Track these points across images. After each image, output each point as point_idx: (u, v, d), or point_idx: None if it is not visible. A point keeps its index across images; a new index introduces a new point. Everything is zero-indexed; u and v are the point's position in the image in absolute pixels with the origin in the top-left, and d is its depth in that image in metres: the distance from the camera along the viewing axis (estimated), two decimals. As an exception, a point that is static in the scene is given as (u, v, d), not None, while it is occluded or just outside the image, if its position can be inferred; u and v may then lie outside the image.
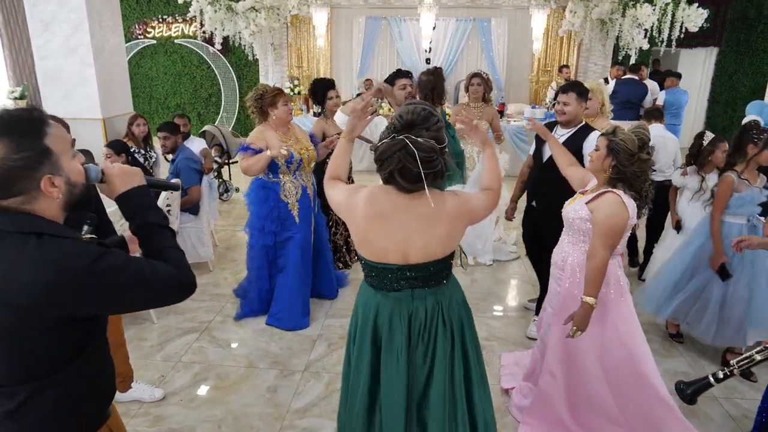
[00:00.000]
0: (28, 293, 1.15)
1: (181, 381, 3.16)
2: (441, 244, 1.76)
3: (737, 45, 10.07)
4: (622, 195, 2.30)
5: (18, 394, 1.24)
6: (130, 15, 10.58)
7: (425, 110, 1.67)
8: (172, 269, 1.31)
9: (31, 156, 1.17)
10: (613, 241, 2.31)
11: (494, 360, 3.38)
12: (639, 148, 2.27)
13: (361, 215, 1.76)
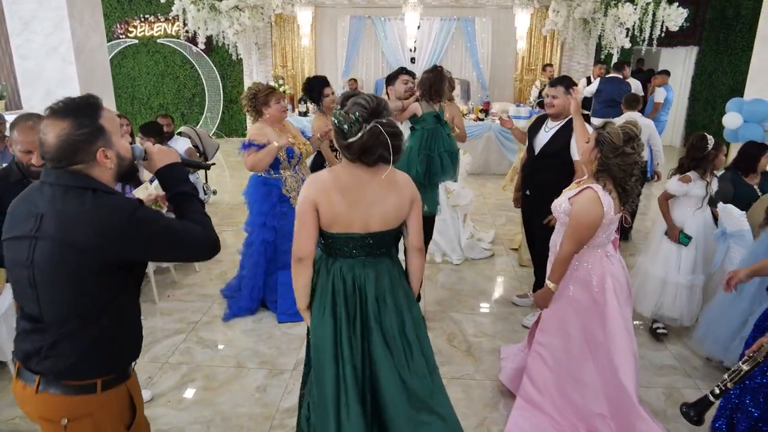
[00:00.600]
0: (86, 234, 1.42)
1: (169, 382, 3.13)
2: (395, 212, 2.00)
3: (716, 44, 10.24)
4: (599, 191, 2.35)
5: (60, 330, 1.48)
6: (111, 14, 10.45)
7: (376, 97, 1.90)
8: (198, 227, 1.59)
9: (90, 132, 1.45)
10: (581, 236, 2.40)
11: (483, 356, 3.40)
12: (624, 142, 2.31)
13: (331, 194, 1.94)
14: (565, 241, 2.43)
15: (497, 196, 7.07)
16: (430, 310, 3.98)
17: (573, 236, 2.40)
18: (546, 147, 3.43)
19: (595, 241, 2.47)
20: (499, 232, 5.75)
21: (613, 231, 2.53)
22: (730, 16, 9.91)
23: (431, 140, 3.32)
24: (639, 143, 2.36)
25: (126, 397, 1.66)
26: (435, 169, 3.31)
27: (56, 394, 1.51)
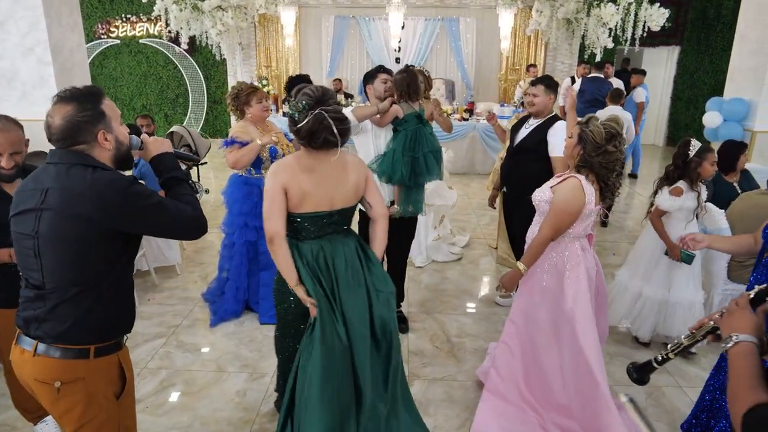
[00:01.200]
0: (87, 206, 1.56)
1: (147, 388, 3.08)
2: (354, 189, 2.23)
3: (698, 44, 10.35)
4: (582, 180, 2.38)
5: (61, 296, 1.62)
6: (92, 14, 10.32)
7: (323, 88, 2.11)
8: (189, 207, 1.72)
9: (92, 114, 1.62)
10: (561, 222, 2.42)
11: (466, 357, 3.39)
12: (606, 140, 2.33)
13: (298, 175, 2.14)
14: (544, 227, 2.45)
15: (482, 195, 7.08)
16: (413, 311, 3.96)
17: (553, 222, 2.43)
18: (523, 141, 3.49)
19: (573, 231, 2.49)
20: (483, 231, 5.76)
21: (591, 224, 2.55)
22: (711, 17, 10.03)
23: (414, 141, 3.30)
24: (621, 140, 2.38)
25: (117, 367, 1.79)
26: (420, 169, 3.29)
27: (52, 357, 1.64)
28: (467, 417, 2.83)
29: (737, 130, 5.09)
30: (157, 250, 4.46)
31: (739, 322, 1.23)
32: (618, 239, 5.62)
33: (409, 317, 3.84)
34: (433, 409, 2.90)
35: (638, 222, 6.20)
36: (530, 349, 2.68)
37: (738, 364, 1.16)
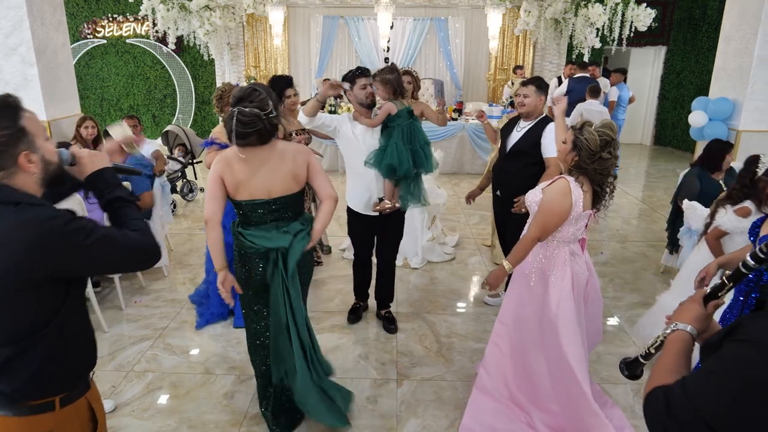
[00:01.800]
0: (8, 254, 1.30)
1: (134, 391, 3.05)
2: (293, 177, 2.36)
3: (684, 44, 10.44)
4: (571, 182, 2.38)
5: (3, 353, 1.38)
6: (78, 14, 10.21)
7: (249, 88, 2.26)
8: (137, 235, 1.48)
9: (10, 134, 1.33)
10: (547, 223, 2.42)
11: (454, 357, 3.39)
12: (601, 148, 2.32)
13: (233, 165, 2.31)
14: (532, 226, 2.47)
15: (471, 195, 7.10)
16: (402, 311, 3.96)
17: (539, 222, 2.44)
18: (517, 145, 3.45)
19: (562, 234, 2.48)
20: (472, 230, 5.77)
21: (582, 229, 2.54)
22: (696, 17, 10.12)
23: (411, 135, 3.35)
24: (615, 146, 2.37)
25: (86, 409, 1.60)
26: (420, 161, 3.36)
27: (12, 417, 1.43)
28: (456, 417, 2.83)
29: (722, 129, 5.13)
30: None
31: (685, 314, 1.28)
32: (606, 238, 5.66)
33: (398, 318, 3.84)
34: (421, 409, 2.89)
35: (626, 221, 6.25)
36: (519, 350, 2.69)
37: (667, 348, 1.22)
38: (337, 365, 3.27)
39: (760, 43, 4.83)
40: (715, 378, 0.97)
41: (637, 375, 1.52)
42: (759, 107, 4.98)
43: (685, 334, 1.23)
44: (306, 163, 2.42)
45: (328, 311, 3.97)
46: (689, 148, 8.97)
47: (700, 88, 9.37)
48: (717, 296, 1.30)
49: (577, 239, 2.57)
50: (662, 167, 9.19)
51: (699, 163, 4.31)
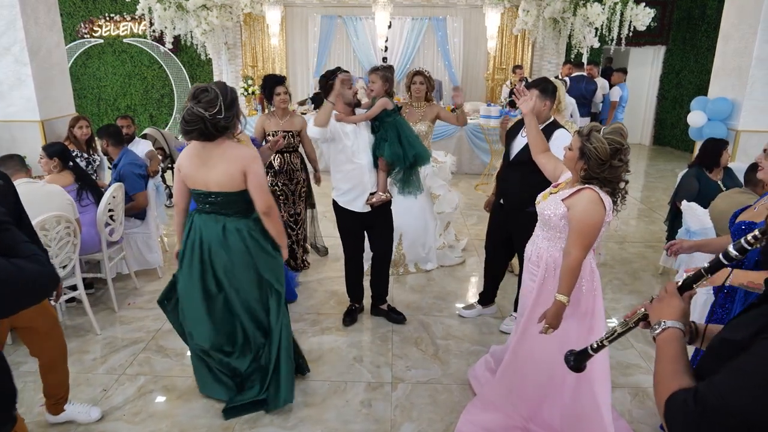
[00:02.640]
0: None
1: (125, 394, 3.01)
2: (227, 178, 2.50)
3: (683, 43, 10.41)
4: (599, 192, 2.24)
5: None
6: (74, 13, 10.17)
7: (201, 88, 2.38)
8: (35, 265, 1.31)
9: None
10: (589, 240, 2.26)
11: (450, 359, 3.35)
12: (611, 156, 2.18)
13: (187, 158, 2.59)
14: (572, 248, 2.25)
15: (469, 195, 7.07)
16: (398, 313, 3.92)
17: (581, 241, 2.24)
18: (521, 154, 3.28)
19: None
20: (470, 231, 5.73)
21: (602, 237, 2.46)
22: (695, 17, 10.09)
23: (407, 128, 3.46)
24: (626, 152, 2.24)
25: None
26: (421, 152, 3.50)
27: None
28: (452, 420, 2.79)
29: (721, 129, 5.10)
30: (138, 253, 4.39)
31: (667, 309, 1.22)
32: (604, 239, 5.61)
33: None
34: (416, 413, 2.86)
35: (625, 221, 6.21)
36: (532, 366, 2.58)
37: (664, 349, 1.16)
38: (332, 368, 3.25)
39: (759, 43, 4.79)
40: (751, 377, 0.93)
41: (582, 368, 1.50)
42: (758, 107, 4.94)
43: (678, 332, 1.18)
44: (242, 171, 2.50)
45: (323, 313, 3.93)
46: (688, 148, 8.93)
47: (700, 88, 9.34)
48: (692, 287, 1.26)
49: (598, 246, 2.50)
50: (661, 167, 9.16)
51: (697, 163, 4.28)
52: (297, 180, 4.40)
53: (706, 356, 1.13)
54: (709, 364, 1.08)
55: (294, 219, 4.47)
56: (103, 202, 3.71)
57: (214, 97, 2.35)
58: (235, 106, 2.45)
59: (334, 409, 2.88)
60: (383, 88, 3.40)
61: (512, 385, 2.67)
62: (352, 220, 3.53)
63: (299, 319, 3.84)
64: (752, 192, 3.29)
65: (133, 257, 4.37)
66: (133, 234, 4.33)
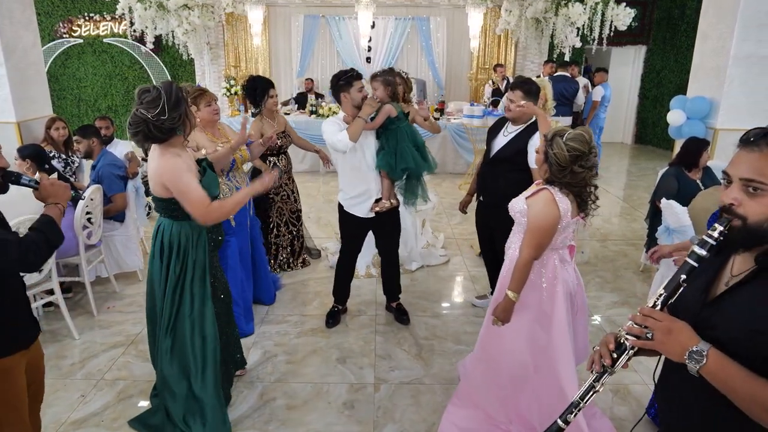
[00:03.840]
0: None
1: (104, 400, 2.96)
2: (152, 184, 2.42)
3: (663, 43, 10.53)
4: (555, 193, 2.27)
5: None
6: (53, 12, 10.02)
7: (142, 89, 2.28)
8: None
9: None
10: (540, 240, 2.30)
11: (433, 359, 3.34)
12: (570, 162, 2.20)
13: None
14: (524, 247, 2.32)
15: (453, 195, 7.08)
16: (381, 313, 3.91)
17: (531, 241, 2.30)
18: (501, 151, 3.33)
19: (552, 243, 2.39)
20: (454, 231, 5.74)
21: (570, 236, 2.46)
22: (675, 17, 10.21)
23: (413, 135, 3.42)
24: (589, 158, 2.24)
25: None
26: (429, 161, 3.47)
27: None
28: (434, 421, 2.78)
29: (700, 128, 5.15)
30: (117, 256, 4.32)
31: (683, 335, 1.14)
32: (586, 237, 5.66)
33: (377, 320, 3.79)
34: (399, 414, 2.85)
35: (607, 219, 6.27)
36: (505, 362, 2.58)
37: (729, 372, 1.07)
38: (315, 370, 3.23)
39: (736, 42, 4.85)
40: None
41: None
42: (735, 105, 5.00)
43: (715, 350, 1.10)
44: (161, 184, 2.37)
45: (306, 314, 3.91)
46: (669, 147, 9.04)
47: (680, 87, 9.44)
48: (673, 297, 1.21)
49: (566, 246, 2.50)
50: (643, 165, 9.26)
51: (677, 162, 4.32)
52: (292, 178, 4.48)
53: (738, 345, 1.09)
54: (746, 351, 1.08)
55: (296, 216, 4.56)
56: (80, 204, 3.65)
57: (155, 97, 2.23)
58: (182, 107, 2.30)
59: (317, 411, 2.86)
60: (386, 93, 3.37)
61: (487, 378, 2.68)
62: (356, 224, 3.52)
63: (282, 320, 3.81)
64: None
65: (112, 260, 4.30)
66: (112, 236, 4.27)
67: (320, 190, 7.43)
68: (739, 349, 1.09)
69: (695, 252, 1.17)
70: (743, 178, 1.10)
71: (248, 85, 4.13)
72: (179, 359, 2.58)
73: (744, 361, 1.07)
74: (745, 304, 1.12)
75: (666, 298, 1.20)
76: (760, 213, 1.09)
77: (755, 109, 4.97)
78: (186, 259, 2.53)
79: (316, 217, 6.11)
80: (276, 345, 3.49)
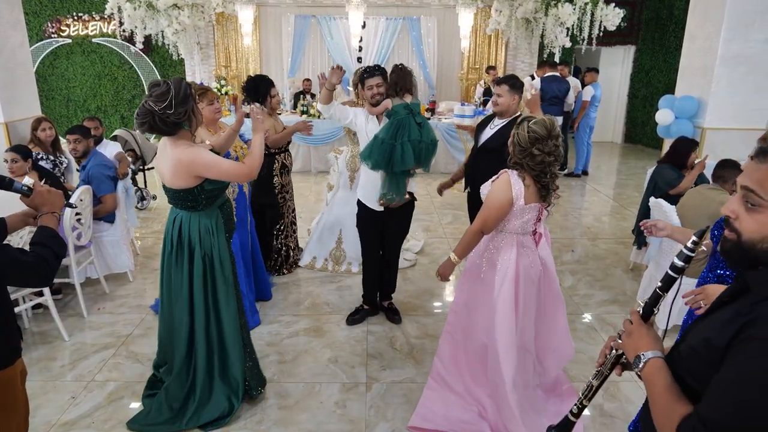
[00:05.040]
0: None
1: (94, 402, 2.94)
2: (171, 177, 2.49)
3: (652, 43, 10.62)
4: (512, 176, 2.44)
5: None
6: (41, 12, 9.93)
7: (152, 83, 2.36)
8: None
9: None
10: (488, 216, 2.47)
11: (425, 358, 3.35)
12: (530, 143, 2.36)
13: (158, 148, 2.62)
14: (476, 219, 2.53)
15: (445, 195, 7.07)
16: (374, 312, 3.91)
17: (482, 215, 2.50)
18: (488, 142, 3.49)
19: (509, 226, 2.52)
20: (445, 230, 5.76)
21: (531, 222, 2.53)
22: (664, 17, 10.30)
23: (397, 130, 3.40)
24: (548, 143, 2.35)
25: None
26: (396, 157, 3.37)
27: None
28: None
29: (688, 127, 5.20)
30: (107, 257, 4.30)
31: (641, 341, 1.20)
32: (577, 235, 5.70)
33: (368, 320, 3.80)
34: (391, 412, 2.85)
35: (597, 218, 6.31)
36: (472, 339, 2.71)
37: (653, 381, 1.13)
38: (306, 369, 3.23)
39: (723, 42, 4.90)
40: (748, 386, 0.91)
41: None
42: (723, 105, 5.06)
43: (660, 361, 1.15)
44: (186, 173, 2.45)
45: (298, 314, 3.91)
46: (659, 146, 9.12)
47: (668, 87, 9.52)
48: (653, 312, 1.25)
49: (528, 232, 2.57)
50: (632, 164, 9.33)
51: (665, 161, 4.36)
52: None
53: (691, 358, 1.09)
54: (696, 365, 1.06)
55: (294, 215, 4.57)
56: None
57: (164, 92, 2.31)
58: (189, 103, 2.37)
59: (308, 411, 2.86)
60: (386, 88, 3.45)
61: (454, 353, 2.79)
62: (371, 219, 3.57)
63: (274, 320, 3.81)
64: (721, 188, 3.37)
65: (102, 261, 4.28)
66: (102, 237, 4.24)
67: (312, 190, 7.43)
68: (694, 362, 1.08)
69: (674, 263, 1.19)
70: (744, 185, 1.05)
71: (249, 85, 4.14)
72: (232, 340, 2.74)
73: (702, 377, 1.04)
74: (716, 320, 1.09)
75: (647, 306, 1.25)
76: (754, 231, 1.02)
77: (742, 109, 5.03)
78: (211, 251, 2.64)
79: (308, 217, 6.10)
80: (268, 345, 3.49)
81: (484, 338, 2.64)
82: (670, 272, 1.20)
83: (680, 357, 1.14)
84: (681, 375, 1.10)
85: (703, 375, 1.02)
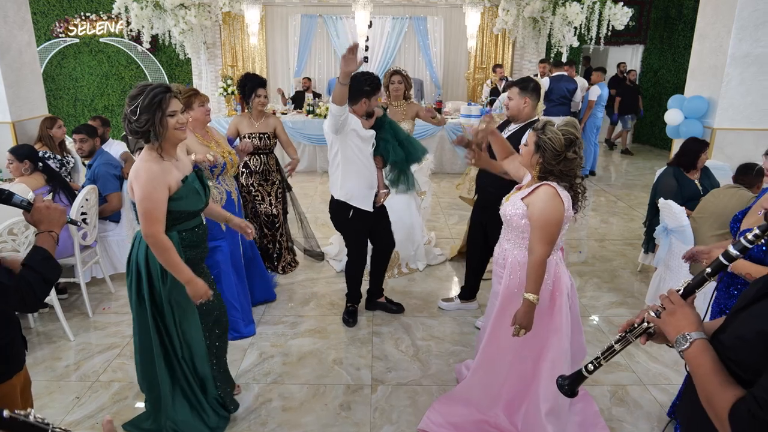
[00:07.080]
0: None
1: (98, 402, 2.94)
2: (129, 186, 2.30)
3: (661, 42, 10.53)
4: (556, 187, 2.26)
5: None
6: (49, 12, 9.97)
7: (135, 88, 2.16)
8: None
9: None
10: (551, 235, 2.26)
11: (431, 360, 3.33)
12: (566, 147, 2.22)
13: None
14: (536, 245, 2.25)
15: (450, 195, 7.06)
16: (379, 314, 3.89)
17: (543, 237, 2.24)
18: None
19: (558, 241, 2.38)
20: (452, 231, 5.73)
21: (564, 234, 2.45)
22: (673, 16, 10.21)
23: (395, 131, 3.57)
24: (580, 146, 2.27)
25: None
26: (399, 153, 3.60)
27: None
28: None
29: (698, 127, 5.14)
30: (113, 256, 4.30)
31: (684, 320, 1.18)
32: (584, 237, 5.65)
33: (374, 321, 3.78)
34: (396, 415, 2.83)
35: (604, 219, 6.26)
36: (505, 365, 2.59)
37: (700, 363, 1.12)
38: (311, 371, 3.21)
39: (733, 42, 4.84)
40: None
41: (575, 393, 1.43)
42: (733, 105, 5.00)
43: (706, 342, 1.14)
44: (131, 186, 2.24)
45: (303, 315, 3.89)
46: (667, 146, 9.05)
47: (677, 86, 9.45)
48: (694, 292, 1.25)
49: (560, 246, 2.48)
50: (640, 165, 9.26)
51: (675, 163, 4.31)
52: (272, 181, 4.31)
53: (742, 349, 1.08)
54: (751, 357, 1.05)
55: (270, 220, 4.37)
56: (75, 204, 3.63)
57: (135, 95, 2.13)
58: (152, 113, 2.12)
59: (313, 413, 2.84)
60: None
61: (485, 382, 2.66)
62: (362, 221, 3.54)
63: (278, 321, 3.79)
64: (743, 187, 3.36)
65: (107, 261, 4.28)
66: (107, 237, 4.24)
67: (317, 190, 7.41)
68: (743, 353, 1.07)
69: (728, 251, 1.19)
70: None
71: (239, 82, 4.13)
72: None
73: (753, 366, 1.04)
74: (759, 310, 1.09)
75: (690, 286, 1.24)
76: None
77: (752, 109, 4.97)
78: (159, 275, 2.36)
79: (313, 218, 6.08)
80: (272, 346, 3.47)
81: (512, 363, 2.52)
82: (722, 259, 1.20)
83: (722, 347, 1.13)
84: (725, 363, 1.10)
85: (753, 365, 1.03)
